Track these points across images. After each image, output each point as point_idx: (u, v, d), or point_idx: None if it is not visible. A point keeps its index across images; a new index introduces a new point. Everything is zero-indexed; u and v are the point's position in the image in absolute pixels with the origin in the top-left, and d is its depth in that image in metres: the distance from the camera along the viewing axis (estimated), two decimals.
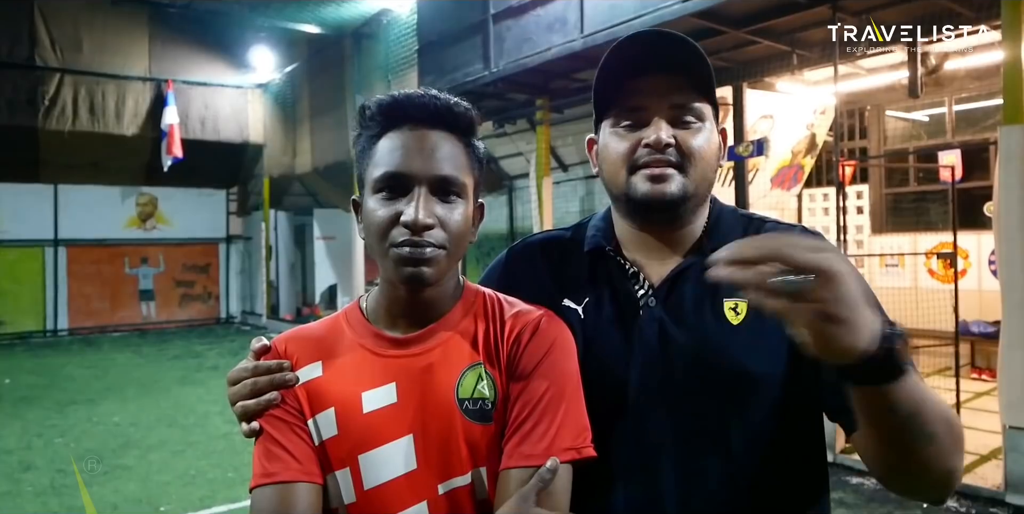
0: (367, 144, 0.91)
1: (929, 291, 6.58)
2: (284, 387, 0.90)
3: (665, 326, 0.94)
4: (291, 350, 0.94)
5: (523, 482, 0.82)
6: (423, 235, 0.85)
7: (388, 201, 0.87)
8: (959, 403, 4.62)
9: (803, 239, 0.66)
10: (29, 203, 11.78)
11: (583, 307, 0.99)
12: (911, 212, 7.38)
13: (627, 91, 0.96)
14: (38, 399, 6.95)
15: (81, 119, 10.83)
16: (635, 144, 0.94)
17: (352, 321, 0.96)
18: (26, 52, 10.43)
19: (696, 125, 0.95)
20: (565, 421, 0.86)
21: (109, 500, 4.06)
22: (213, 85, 12.06)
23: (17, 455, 5.01)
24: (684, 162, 0.93)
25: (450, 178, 0.88)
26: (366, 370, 0.90)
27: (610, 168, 0.97)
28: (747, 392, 0.91)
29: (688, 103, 0.95)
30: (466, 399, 0.88)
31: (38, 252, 12.00)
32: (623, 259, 1.01)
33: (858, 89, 6.49)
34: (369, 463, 0.87)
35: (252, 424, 0.88)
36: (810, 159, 7.38)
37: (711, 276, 0.65)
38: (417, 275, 0.85)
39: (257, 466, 0.86)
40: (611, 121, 0.98)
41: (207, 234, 13.68)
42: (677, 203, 0.93)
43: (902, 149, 7.30)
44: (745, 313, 0.93)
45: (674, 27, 4.79)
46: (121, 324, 12.69)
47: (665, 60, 0.94)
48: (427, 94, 0.90)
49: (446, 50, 6.39)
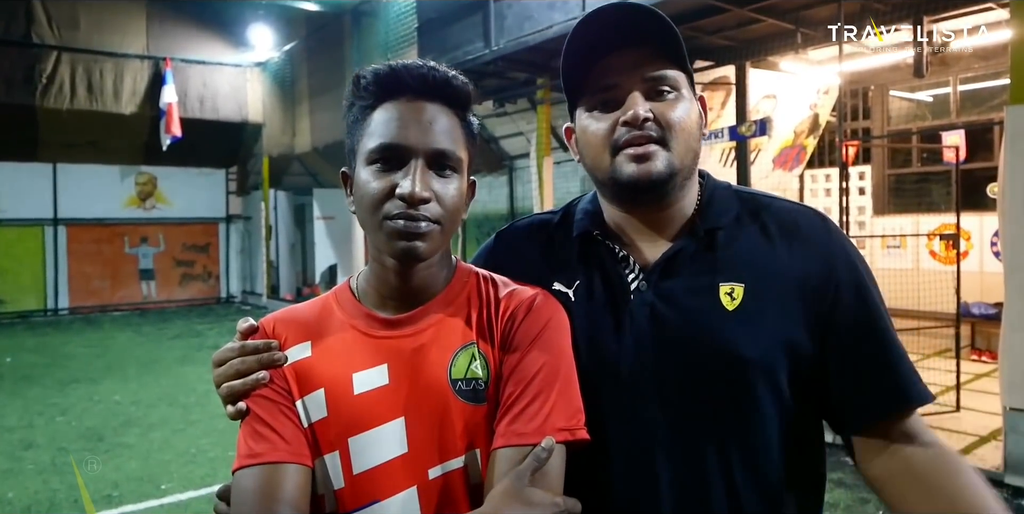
0: (360, 114, 0.88)
1: (931, 272, 6.58)
2: (272, 366, 0.87)
3: (657, 310, 0.92)
4: (279, 330, 0.92)
5: (515, 461, 0.80)
6: (419, 208, 0.82)
7: (383, 173, 0.84)
8: (959, 384, 4.64)
9: None
10: (28, 182, 11.75)
11: (574, 290, 0.97)
12: (913, 193, 7.35)
13: (596, 71, 0.92)
14: (39, 378, 6.99)
15: (79, 97, 10.74)
16: (613, 124, 0.90)
17: (342, 301, 0.94)
18: (22, 29, 10.31)
19: (672, 95, 0.91)
20: (559, 400, 0.84)
21: (110, 478, 4.09)
22: (211, 64, 11.95)
23: (18, 433, 5.04)
24: (666, 135, 0.89)
25: (447, 152, 0.86)
26: (357, 351, 0.88)
27: (591, 152, 0.94)
28: (742, 378, 0.89)
29: (661, 74, 0.91)
30: (459, 379, 0.86)
31: (38, 231, 11.99)
32: (612, 242, 0.98)
33: (862, 69, 6.42)
34: (359, 446, 0.85)
35: (239, 405, 0.85)
36: (813, 139, 7.32)
37: None
38: (411, 249, 0.83)
39: (242, 446, 0.83)
40: (585, 105, 0.95)
41: (207, 214, 13.65)
42: (665, 180, 0.90)
43: (905, 129, 7.23)
44: (741, 298, 0.90)
45: (677, 6, 4.72)
46: (121, 303, 12.73)
47: (629, 33, 0.90)
48: (425, 65, 0.88)
49: (446, 28, 6.31)
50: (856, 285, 0.92)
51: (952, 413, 4.57)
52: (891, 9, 4.60)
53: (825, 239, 0.93)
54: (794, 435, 0.92)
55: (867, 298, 0.92)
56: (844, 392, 0.91)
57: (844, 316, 0.91)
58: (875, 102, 7.43)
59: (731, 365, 0.88)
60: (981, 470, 3.60)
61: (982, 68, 6.35)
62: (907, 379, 0.90)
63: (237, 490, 0.82)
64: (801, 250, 0.92)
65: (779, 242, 0.93)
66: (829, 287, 0.91)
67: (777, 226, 0.94)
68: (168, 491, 3.91)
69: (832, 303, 0.91)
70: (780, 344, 0.89)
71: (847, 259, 0.93)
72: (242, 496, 0.81)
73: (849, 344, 0.90)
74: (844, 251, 0.94)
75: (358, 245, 9.77)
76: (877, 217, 7.46)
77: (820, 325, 0.90)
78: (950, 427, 4.35)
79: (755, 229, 0.95)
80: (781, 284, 0.91)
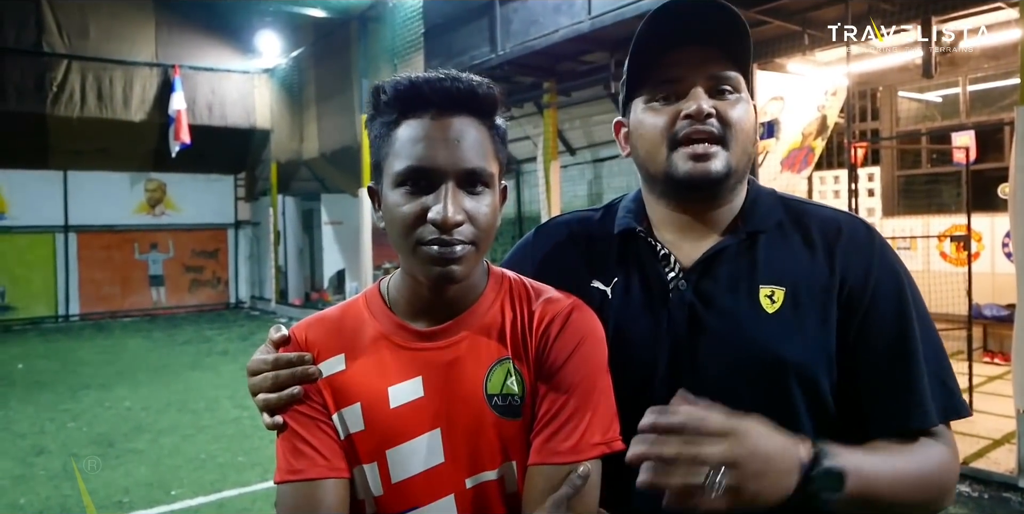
0: (383, 131, 0.85)
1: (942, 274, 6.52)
2: (307, 381, 0.87)
3: (696, 311, 0.91)
4: (312, 340, 0.90)
5: (550, 479, 0.81)
6: (452, 232, 0.80)
7: (412, 196, 0.82)
8: (971, 387, 4.59)
9: (709, 415, 0.71)
10: (39, 189, 11.85)
11: (612, 288, 0.96)
12: (923, 194, 7.30)
13: (662, 65, 0.91)
14: (51, 384, 7.03)
15: (89, 105, 10.83)
16: (673, 117, 0.89)
17: (374, 310, 0.92)
18: (33, 38, 10.41)
19: (734, 96, 0.91)
20: (595, 416, 0.84)
21: (120, 484, 4.10)
22: (220, 70, 12.03)
23: (30, 439, 5.07)
24: (726, 133, 0.89)
25: (478, 170, 0.83)
26: (391, 363, 0.88)
27: (647, 146, 0.92)
28: (780, 380, 0.87)
29: (725, 73, 0.90)
30: (495, 395, 0.86)
31: (49, 238, 12.09)
32: (654, 240, 0.97)
33: (870, 70, 6.39)
34: (397, 458, 0.86)
35: (276, 418, 0.86)
36: (821, 141, 7.28)
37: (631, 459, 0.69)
38: (447, 274, 0.82)
39: (282, 461, 0.85)
40: (645, 97, 0.93)
41: (216, 219, 13.72)
42: (722, 180, 0.90)
43: (914, 130, 7.19)
44: (781, 301, 0.89)
45: None
46: (132, 309, 12.80)
47: (699, 31, 0.89)
48: (448, 77, 0.84)
49: (452, 33, 6.33)
50: (892, 297, 0.90)
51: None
52: (898, 9, 4.57)
53: (868, 248, 0.92)
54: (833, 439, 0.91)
55: (894, 305, 0.90)
56: (863, 406, 0.90)
57: (871, 326, 0.89)
58: (883, 103, 7.38)
59: (770, 367, 0.87)
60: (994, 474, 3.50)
61: (992, 68, 6.30)
62: (919, 399, 0.87)
63: (281, 505, 0.85)
64: (842, 258, 0.91)
65: (821, 249, 0.92)
66: (865, 296, 0.89)
67: (820, 233, 0.93)
68: (178, 497, 3.91)
69: (865, 313, 0.89)
70: (819, 350, 0.88)
71: (887, 269, 0.91)
72: (285, 511, 0.84)
73: (873, 358, 0.89)
74: (885, 260, 0.92)
75: (366, 250, 9.80)
76: (887, 219, 7.41)
77: (853, 334, 0.89)
78: (963, 430, 4.30)
79: (798, 235, 0.94)
80: (821, 291, 0.90)
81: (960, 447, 4.07)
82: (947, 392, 0.88)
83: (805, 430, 0.89)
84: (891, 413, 0.88)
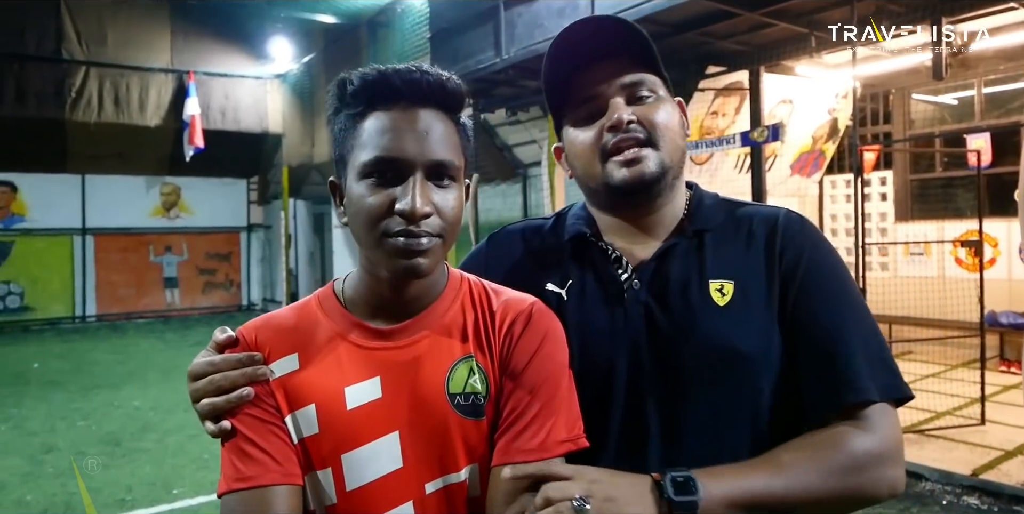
0: (349, 123, 0.83)
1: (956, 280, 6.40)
2: (257, 382, 0.82)
3: (651, 308, 0.93)
4: (262, 340, 0.87)
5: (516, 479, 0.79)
6: (420, 224, 0.79)
7: (379, 187, 0.80)
8: (984, 397, 4.49)
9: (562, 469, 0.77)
10: (58, 193, 12.04)
11: (567, 290, 0.98)
12: (937, 198, 7.19)
13: (576, 86, 0.96)
14: (64, 383, 7.13)
15: (106, 111, 11.01)
16: (599, 132, 0.93)
17: (328, 309, 0.89)
18: (53, 46, 10.61)
19: (652, 98, 0.95)
20: (560, 414, 0.84)
21: (124, 482, 4.14)
22: (233, 76, 12.17)
23: (41, 437, 5.14)
24: (652, 135, 0.93)
25: (446, 162, 0.82)
26: (348, 363, 0.85)
27: (582, 163, 0.96)
28: (736, 371, 0.90)
29: (638, 78, 0.95)
30: (458, 394, 0.84)
31: (67, 240, 12.27)
32: (605, 244, 1.00)
33: (882, 72, 6.31)
34: (353, 463, 0.82)
35: (222, 423, 0.81)
36: (832, 145, 7.21)
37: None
38: (412, 267, 0.80)
39: (228, 468, 0.79)
40: (570, 120, 0.98)
41: (229, 223, 13.85)
42: (658, 179, 0.93)
43: (927, 133, 7.09)
44: (731, 294, 0.92)
45: (685, 11, 4.70)
46: (146, 311, 12.94)
47: (602, 46, 0.93)
48: (417, 69, 0.83)
49: (457, 38, 6.35)
50: (822, 281, 0.93)
51: (977, 426, 4.43)
52: (907, 10, 4.51)
53: (800, 238, 0.95)
54: (789, 429, 0.91)
55: (823, 287, 0.92)
56: (800, 387, 0.91)
57: (802, 307, 0.92)
58: (896, 106, 7.30)
59: (725, 359, 0.90)
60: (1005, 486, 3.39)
61: (1008, 69, 6.21)
62: (853, 374, 0.87)
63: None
64: (780, 250, 0.95)
65: (761, 243, 0.96)
66: (796, 281, 0.93)
67: (761, 229, 0.97)
68: (179, 496, 3.95)
69: (797, 296, 0.93)
70: (768, 338, 0.91)
71: (818, 256, 0.95)
72: None
73: (803, 336, 0.91)
74: (813, 243, 0.95)
75: None
76: (899, 223, 7.32)
77: (789, 318, 0.92)
78: (975, 441, 4.21)
79: (741, 231, 0.98)
80: (765, 281, 0.93)
81: (970, 458, 4.02)
82: (888, 372, 0.89)
83: (762, 417, 0.91)
84: (824, 390, 0.88)
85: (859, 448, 0.83)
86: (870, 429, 0.85)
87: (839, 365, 0.88)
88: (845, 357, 0.88)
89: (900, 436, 0.88)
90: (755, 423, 0.91)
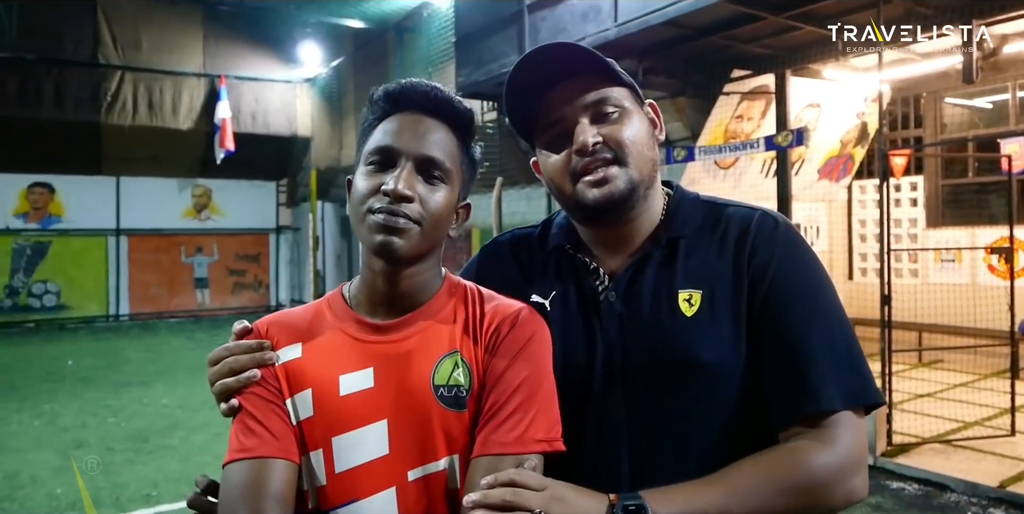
0: (368, 128, 0.95)
1: (988, 288, 6.26)
2: (264, 365, 0.91)
3: (624, 320, 0.96)
4: (272, 332, 0.96)
5: (492, 470, 0.81)
6: (400, 206, 0.86)
7: (374, 173, 0.90)
8: (1014, 408, 4.39)
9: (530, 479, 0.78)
10: (93, 194, 12.38)
11: (550, 301, 1.02)
12: (970, 204, 7.03)
13: (541, 110, 0.98)
14: (96, 380, 7.32)
15: (140, 114, 11.29)
16: (568, 155, 0.95)
17: (334, 307, 0.98)
18: (90, 51, 10.92)
19: (616, 113, 0.96)
20: (539, 412, 0.87)
21: (151, 478, 4.24)
22: (263, 80, 12.40)
23: (72, 432, 5.29)
24: (619, 154, 0.94)
25: (436, 160, 0.90)
26: (344, 354, 0.92)
27: (555, 184, 0.99)
28: (700, 381, 0.91)
29: (600, 96, 0.95)
30: (441, 386, 0.89)
31: (102, 241, 12.59)
32: (583, 255, 1.03)
33: (912, 75, 6.20)
34: (342, 446, 0.88)
35: (231, 402, 0.89)
36: (861, 149, 7.09)
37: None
38: (387, 243, 0.87)
39: (233, 441, 0.86)
40: (540, 142, 1.00)
41: (258, 224, 14.10)
42: (627, 196, 0.95)
43: (959, 138, 6.94)
44: (699, 304, 0.93)
45: (710, 14, 4.68)
46: (177, 310, 13.22)
47: (559, 67, 0.95)
48: (431, 85, 0.94)
49: (482, 42, 6.39)
50: (791, 283, 0.92)
51: (1007, 437, 4.32)
52: (937, 12, 4.44)
53: (772, 239, 0.95)
54: (758, 437, 0.91)
55: (790, 290, 0.91)
56: (765, 393, 0.91)
57: (768, 311, 0.91)
58: (927, 109, 7.16)
59: (690, 369, 0.91)
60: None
61: None
62: (814, 382, 0.86)
63: (226, 484, 0.84)
64: (750, 252, 0.94)
65: (733, 248, 0.95)
66: (764, 285, 0.92)
67: (735, 232, 0.97)
68: None
69: (764, 301, 0.92)
70: (733, 347, 0.91)
71: (789, 257, 0.93)
72: (230, 490, 0.83)
73: (767, 342, 0.91)
74: (786, 246, 0.94)
75: None
76: (930, 229, 7.16)
77: (753, 323, 0.92)
78: (1004, 452, 4.11)
79: (715, 237, 0.98)
80: (734, 288, 0.93)
81: (998, 470, 3.92)
82: (855, 377, 0.87)
83: (729, 426, 0.92)
84: (786, 399, 0.88)
85: (816, 464, 0.82)
86: (830, 441, 0.84)
87: (800, 372, 0.87)
88: (807, 363, 0.87)
89: (863, 444, 0.87)
90: (722, 433, 0.91)
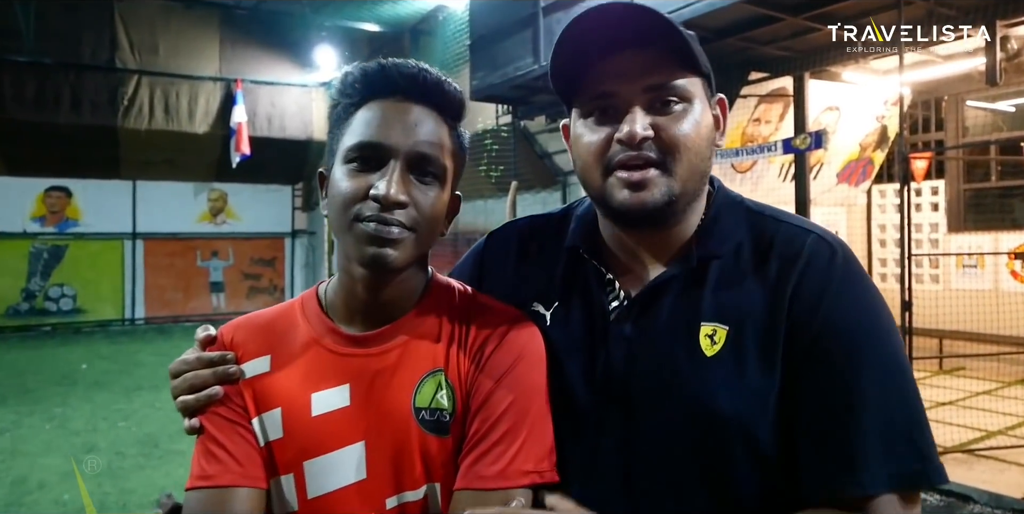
0: (344, 113, 0.84)
1: (1012, 294, 6.13)
2: (227, 382, 0.84)
3: (633, 349, 0.83)
4: (238, 340, 0.88)
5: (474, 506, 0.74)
6: (393, 213, 0.78)
7: (359, 173, 0.80)
8: None
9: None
10: (110, 198, 12.46)
11: (551, 313, 0.90)
12: (992, 209, 6.89)
13: (594, 74, 0.81)
14: (109, 384, 7.33)
15: (157, 118, 11.36)
16: (608, 139, 0.80)
17: (308, 312, 0.89)
18: (107, 55, 11.02)
19: (679, 107, 0.80)
20: (527, 441, 0.79)
21: (159, 483, 4.22)
22: (279, 84, 12.44)
23: (83, 436, 5.28)
24: (666, 158, 0.79)
25: (430, 156, 0.81)
26: (317, 369, 0.84)
27: (583, 165, 0.85)
28: (715, 434, 0.78)
29: (667, 82, 0.79)
30: (423, 408, 0.81)
31: (118, 245, 12.68)
32: (599, 262, 0.90)
33: (933, 78, 6.08)
34: (315, 470, 0.81)
35: (192, 421, 0.82)
36: (881, 153, 6.98)
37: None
38: (380, 256, 0.78)
39: (195, 467, 0.81)
40: (579, 110, 0.85)
41: (273, 228, 14.13)
42: (661, 209, 0.80)
43: (981, 141, 6.80)
44: (723, 342, 0.79)
45: (727, 15, 4.60)
46: (193, 314, 13.27)
47: (633, 33, 0.78)
48: (417, 66, 0.83)
49: (497, 45, 6.35)
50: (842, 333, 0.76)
51: None
52: (959, 13, 4.33)
53: (824, 275, 0.79)
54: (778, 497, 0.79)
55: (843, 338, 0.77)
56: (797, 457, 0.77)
57: (812, 359, 0.77)
58: (948, 112, 7.03)
59: (704, 419, 0.78)
60: None
61: None
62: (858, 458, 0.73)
63: (187, 512, 0.79)
64: (795, 288, 0.79)
65: (775, 276, 0.80)
66: (809, 333, 0.77)
67: (779, 257, 0.81)
68: None
69: (807, 353, 0.77)
70: (760, 397, 0.77)
71: (844, 300, 0.78)
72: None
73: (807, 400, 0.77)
74: (843, 290, 0.78)
75: None
76: (952, 234, 7.03)
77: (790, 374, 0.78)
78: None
79: (754, 260, 0.83)
80: (769, 327, 0.78)
81: (1022, 481, 3.77)
82: (911, 453, 0.73)
83: (743, 484, 0.78)
84: (821, 477, 0.75)
85: None
86: None
87: (842, 441, 0.73)
88: (853, 430, 0.73)
89: None
90: (733, 488, 0.78)
